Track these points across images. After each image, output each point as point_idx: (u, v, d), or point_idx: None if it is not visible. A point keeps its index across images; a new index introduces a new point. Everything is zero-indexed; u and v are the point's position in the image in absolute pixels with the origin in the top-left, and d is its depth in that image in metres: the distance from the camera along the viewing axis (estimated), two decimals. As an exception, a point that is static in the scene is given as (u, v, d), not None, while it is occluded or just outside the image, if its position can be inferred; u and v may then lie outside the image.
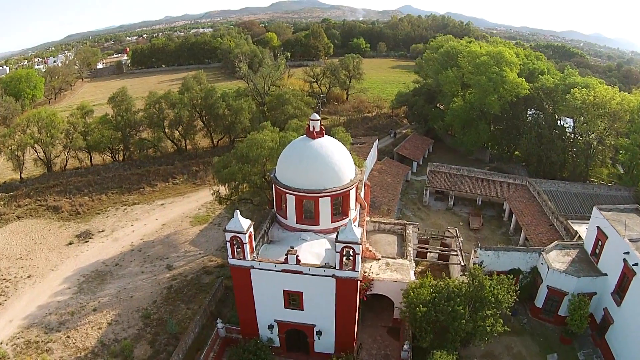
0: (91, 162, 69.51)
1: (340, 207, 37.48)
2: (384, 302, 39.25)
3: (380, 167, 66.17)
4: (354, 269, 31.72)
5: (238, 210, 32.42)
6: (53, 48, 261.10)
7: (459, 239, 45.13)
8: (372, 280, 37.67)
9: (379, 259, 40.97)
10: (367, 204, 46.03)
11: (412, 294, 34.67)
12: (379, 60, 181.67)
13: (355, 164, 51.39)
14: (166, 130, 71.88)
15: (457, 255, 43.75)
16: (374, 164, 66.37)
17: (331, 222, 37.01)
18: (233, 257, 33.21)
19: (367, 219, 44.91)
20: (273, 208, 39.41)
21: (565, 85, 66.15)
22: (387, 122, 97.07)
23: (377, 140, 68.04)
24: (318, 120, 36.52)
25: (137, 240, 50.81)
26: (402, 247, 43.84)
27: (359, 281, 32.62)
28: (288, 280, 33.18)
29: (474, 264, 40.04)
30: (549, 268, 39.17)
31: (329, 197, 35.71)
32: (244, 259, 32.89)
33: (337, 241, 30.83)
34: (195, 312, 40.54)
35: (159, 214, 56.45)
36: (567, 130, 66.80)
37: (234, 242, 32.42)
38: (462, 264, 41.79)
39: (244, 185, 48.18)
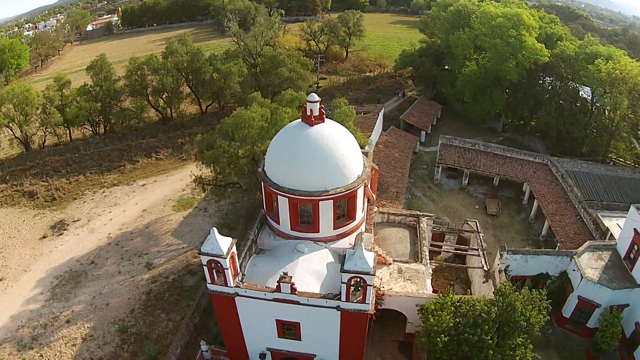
0: (70, 137, 60.55)
1: (345, 210, 29.25)
2: (394, 312, 31.81)
3: (387, 139, 57.24)
4: (364, 301, 23.90)
5: (215, 229, 24.14)
6: (46, 12, 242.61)
7: (480, 234, 37.13)
8: (383, 295, 30.00)
9: (390, 264, 33.22)
10: (375, 192, 37.79)
11: (431, 319, 27.08)
12: (378, 15, 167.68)
13: (360, 143, 43.13)
14: (150, 99, 62.38)
15: (478, 255, 35.91)
16: (379, 135, 57.44)
17: (334, 229, 28.89)
18: (212, 283, 25.31)
19: (375, 209, 36.83)
20: (263, 208, 31.18)
21: (586, 54, 57.05)
22: (391, 83, 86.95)
23: (382, 110, 58.80)
24: (317, 102, 27.54)
25: (114, 231, 42.93)
26: (415, 245, 35.97)
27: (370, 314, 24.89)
28: (282, 310, 25.48)
29: (499, 270, 32.34)
30: (582, 277, 32.18)
31: (332, 200, 27.42)
32: (226, 285, 25.01)
33: (343, 271, 22.80)
34: (177, 324, 33.27)
35: (139, 197, 48.23)
36: (587, 102, 58.22)
37: (213, 266, 24.41)
38: (485, 268, 34.05)
39: (231, 167, 39.72)
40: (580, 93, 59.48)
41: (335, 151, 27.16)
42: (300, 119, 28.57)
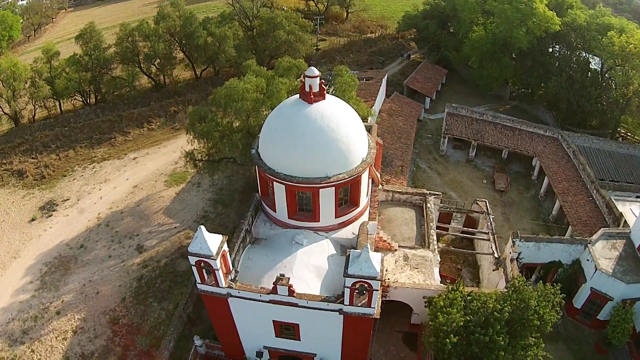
0: (60, 109, 56.24)
1: (348, 196, 25.87)
2: (399, 302, 29.03)
3: (390, 106, 52.95)
4: (369, 305, 20.93)
5: (202, 227, 20.80)
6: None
7: (490, 216, 33.89)
8: (388, 287, 27.09)
9: (395, 250, 30.16)
10: (379, 167, 34.31)
11: (441, 317, 24.24)
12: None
13: (363, 115, 39.25)
14: (142, 65, 57.62)
15: (487, 240, 32.79)
16: (382, 103, 53.18)
17: (336, 218, 25.62)
18: (202, 283, 22.27)
19: (380, 186, 33.48)
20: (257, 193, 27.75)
21: (598, 25, 52.35)
22: (393, 45, 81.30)
23: (385, 76, 54.19)
24: (317, 76, 23.54)
25: (104, 210, 39.65)
26: (422, 227, 32.81)
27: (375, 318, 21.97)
28: (279, 311, 22.57)
29: (511, 259, 29.35)
30: (596, 269, 29.34)
31: (334, 188, 23.98)
32: (217, 285, 21.98)
33: (346, 275, 19.67)
34: (170, 314, 30.63)
35: (130, 171, 44.63)
36: (597, 73, 53.90)
37: (202, 266, 21.28)
38: (496, 254, 30.98)
39: (224, 142, 36.08)
40: (591, 64, 55.13)
41: (337, 133, 23.46)
42: (298, 95, 24.74)
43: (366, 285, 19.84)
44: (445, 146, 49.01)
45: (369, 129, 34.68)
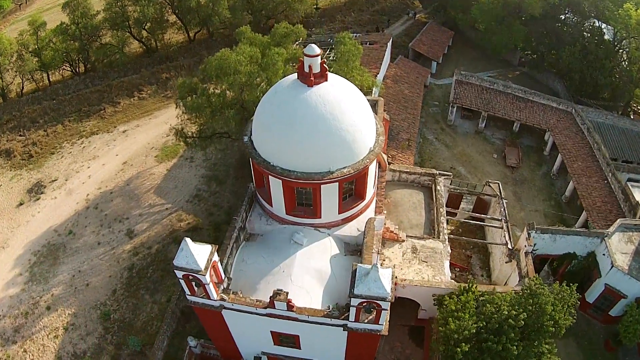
0: (49, 81, 51.66)
1: (353, 190, 22.40)
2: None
3: (395, 71, 48.22)
4: (377, 322, 17.95)
5: (188, 239, 17.52)
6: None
7: (504, 201, 30.46)
8: (396, 285, 24.14)
9: (403, 241, 27.05)
10: (384, 143, 30.51)
11: (452, 324, 21.45)
12: None
13: (367, 86, 35.05)
14: (132, 30, 52.37)
15: (500, 228, 29.51)
16: (387, 68, 48.44)
17: (339, 213, 22.27)
18: (192, 295, 19.25)
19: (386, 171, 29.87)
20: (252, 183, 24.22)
21: None
22: (397, 4, 74.80)
23: (390, 40, 49.05)
24: (317, 55, 19.42)
25: (93, 191, 36.28)
26: (431, 212, 29.56)
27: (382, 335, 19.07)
28: (278, 323, 19.67)
29: (526, 252, 26.28)
30: (612, 265, 26.42)
31: (337, 183, 20.48)
32: (208, 298, 18.96)
33: (353, 295, 16.55)
34: (162, 308, 28.02)
35: (120, 146, 40.85)
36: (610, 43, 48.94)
37: (191, 278, 18.17)
38: (510, 246, 27.83)
39: (216, 118, 32.23)
40: (608, 39, 50.07)
41: (342, 121, 19.65)
42: (296, 74, 20.70)
43: (374, 304, 16.79)
44: (454, 116, 44.87)
45: (374, 105, 30.77)
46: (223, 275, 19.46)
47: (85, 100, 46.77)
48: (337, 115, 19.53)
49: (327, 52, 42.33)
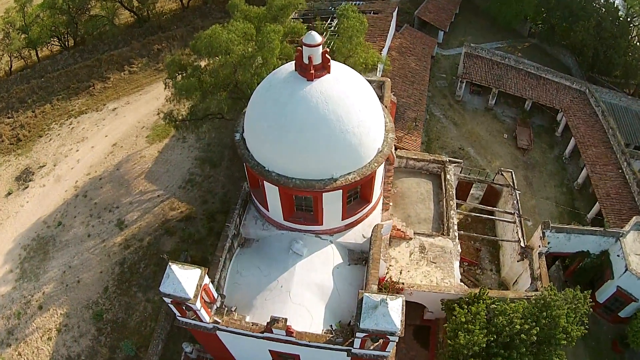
0: (38, 57, 47.41)
1: (358, 193, 19.59)
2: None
3: (401, 42, 43.90)
4: (384, 350, 15.64)
5: (174, 265, 14.97)
6: None
7: (517, 192, 27.65)
8: (402, 290, 21.82)
9: (411, 239, 24.52)
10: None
11: (462, 338, 19.30)
12: None
13: (373, 62, 31.42)
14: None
15: (512, 222, 26.83)
16: (392, 38, 44.20)
17: (343, 219, 19.58)
18: (183, 317, 16.90)
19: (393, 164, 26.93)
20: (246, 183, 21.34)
21: None
22: (400, -34, 69.06)
23: (396, 9, 44.45)
24: (318, 45, 16.04)
25: (82, 177, 33.44)
26: (439, 205, 26.89)
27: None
28: (277, 344, 17.41)
29: (539, 253, 23.85)
30: (626, 269, 24.11)
31: (341, 191, 17.66)
32: (201, 321, 16.62)
33: (359, 330, 14.12)
34: (156, 307, 25.93)
35: (109, 126, 37.58)
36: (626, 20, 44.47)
37: (179, 302, 15.75)
38: (522, 243, 25.29)
39: (207, 101, 28.98)
40: (622, 15, 45.41)
41: (347, 122, 16.56)
42: (293, 64, 17.38)
43: (382, 336, 14.44)
44: (462, 91, 41.24)
45: (380, 87, 27.54)
46: (215, 295, 17.04)
47: (74, 77, 42.95)
48: (342, 115, 16.43)
49: (329, 21, 38.29)
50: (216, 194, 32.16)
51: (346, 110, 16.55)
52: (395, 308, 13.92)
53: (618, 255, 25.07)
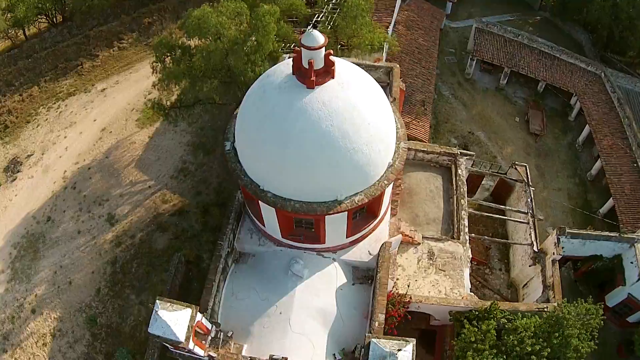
0: (25, 36, 43.18)
1: (364, 210, 17.12)
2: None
3: (407, 15, 39.71)
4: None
5: (162, 311, 12.92)
6: None
7: (531, 189, 25.16)
8: (410, 303, 19.85)
9: (419, 244, 22.30)
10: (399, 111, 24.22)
11: (470, 358, 17.67)
12: None
13: (379, 42, 28.08)
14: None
15: (525, 222, 24.48)
16: (398, 11, 40.08)
17: (347, 237, 17.25)
18: (175, 349, 14.99)
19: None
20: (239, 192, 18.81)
21: None
22: None
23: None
24: (321, 47, 13.04)
25: (70, 166, 30.68)
26: (449, 203, 24.51)
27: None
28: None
29: (553, 260, 21.77)
30: (639, 277, 22.38)
31: (346, 213, 15.21)
32: (194, 355, 14.75)
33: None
34: (150, 310, 23.94)
35: (98, 109, 34.43)
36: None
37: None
38: (535, 248, 23.08)
39: (197, 88, 25.95)
40: None
41: (354, 139, 13.84)
42: (290, 66, 14.42)
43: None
44: (472, 69, 37.76)
45: (388, 74, 24.55)
46: (209, 326, 15.06)
47: (62, 56, 39.17)
48: (348, 131, 13.70)
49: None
50: (210, 184, 29.60)
51: (353, 124, 13.80)
52: (404, 358, 11.94)
53: (632, 262, 23.13)
